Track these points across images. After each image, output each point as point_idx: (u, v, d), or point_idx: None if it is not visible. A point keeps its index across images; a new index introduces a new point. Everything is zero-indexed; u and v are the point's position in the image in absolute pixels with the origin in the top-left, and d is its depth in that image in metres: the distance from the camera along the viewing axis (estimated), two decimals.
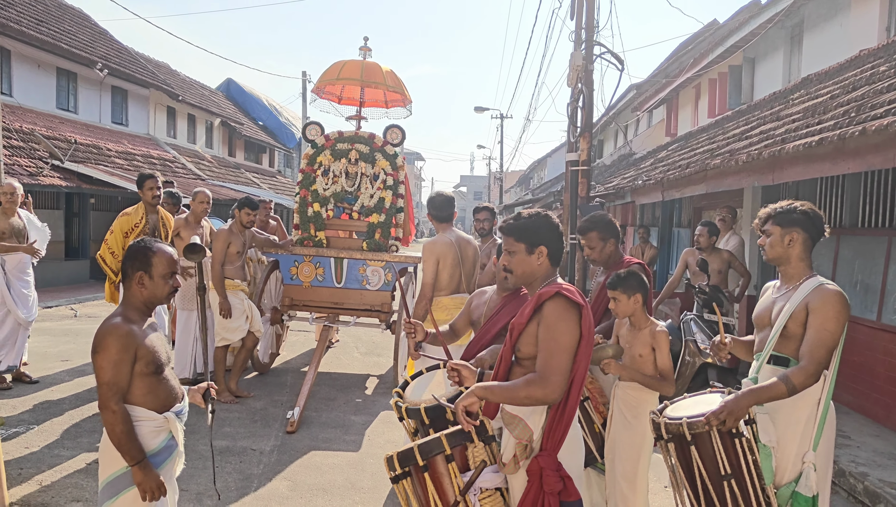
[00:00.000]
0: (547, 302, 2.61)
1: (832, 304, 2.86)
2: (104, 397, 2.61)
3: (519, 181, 58.34)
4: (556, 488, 2.51)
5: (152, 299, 2.82)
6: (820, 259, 7.53)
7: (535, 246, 2.75)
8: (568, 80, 10.79)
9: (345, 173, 7.45)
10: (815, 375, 2.80)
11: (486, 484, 2.62)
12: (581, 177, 10.69)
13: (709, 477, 2.78)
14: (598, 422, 3.82)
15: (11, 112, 14.77)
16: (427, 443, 2.64)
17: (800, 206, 3.07)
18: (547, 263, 2.77)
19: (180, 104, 23.47)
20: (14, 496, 4.28)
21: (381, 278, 7.35)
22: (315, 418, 6.26)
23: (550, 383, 2.51)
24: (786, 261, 3.06)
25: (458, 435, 2.65)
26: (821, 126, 6.11)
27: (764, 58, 12.47)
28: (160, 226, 6.45)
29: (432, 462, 2.62)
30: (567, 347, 2.55)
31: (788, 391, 2.78)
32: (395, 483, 2.68)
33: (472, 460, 2.65)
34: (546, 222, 2.79)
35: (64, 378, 7.18)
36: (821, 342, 2.82)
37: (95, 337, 2.67)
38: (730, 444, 2.78)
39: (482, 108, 37.56)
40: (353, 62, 7.77)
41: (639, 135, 21.36)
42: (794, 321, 2.93)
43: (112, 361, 2.61)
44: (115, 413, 2.60)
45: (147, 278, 2.78)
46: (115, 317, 2.72)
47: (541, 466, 2.54)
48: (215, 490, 4.00)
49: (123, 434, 2.62)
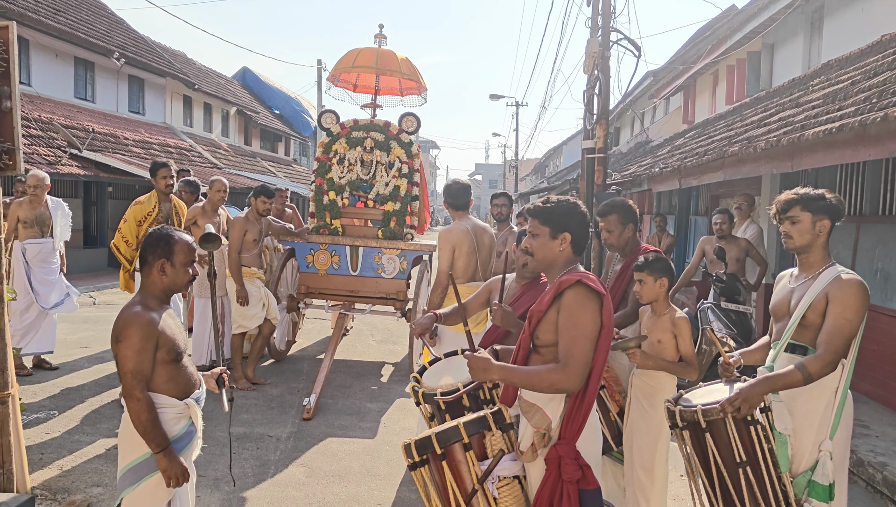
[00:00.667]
0: (567, 290, 2.60)
1: (852, 293, 2.82)
2: (129, 385, 2.63)
3: (534, 169, 58.11)
4: (575, 476, 2.51)
5: (172, 286, 2.84)
6: (839, 247, 7.45)
7: (559, 231, 2.74)
8: (584, 67, 10.71)
9: (360, 161, 7.45)
10: (831, 363, 2.78)
11: (503, 472, 2.62)
12: (597, 165, 10.63)
13: (724, 464, 2.77)
14: (613, 410, 3.81)
15: (30, 101, 14.90)
16: (445, 431, 2.64)
17: (824, 193, 2.99)
18: (569, 250, 2.75)
19: (196, 93, 23.55)
20: (35, 481, 4.34)
21: (397, 266, 7.36)
22: (331, 406, 6.30)
23: (572, 371, 2.50)
24: (811, 249, 3.00)
25: (476, 423, 2.65)
26: (841, 112, 6.02)
27: (783, 44, 12.30)
28: (173, 214, 6.45)
29: (450, 451, 2.62)
30: (589, 335, 2.54)
31: (804, 379, 2.76)
32: (412, 471, 2.69)
33: (489, 448, 2.65)
34: (574, 210, 2.78)
35: (83, 365, 7.27)
36: (839, 331, 2.79)
37: (116, 326, 2.69)
38: (745, 431, 2.77)
39: (497, 95, 37.35)
40: (368, 50, 7.76)
41: (655, 122, 21.18)
42: (814, 311, 2.90)
43: (135, 349, 2.63)
44: (140, 401, 2.63)
45: (168, 265, 2.80)
46: (135, 305, 2.73)
47: (559, 454, 2.54)
48: (231, 477, 4.03)
49: (149, 422, 2.64)
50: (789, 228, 3.02)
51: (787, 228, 3.03)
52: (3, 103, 3.78)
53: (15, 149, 3.84)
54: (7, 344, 3.87)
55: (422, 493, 2.76)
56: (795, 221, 3.00)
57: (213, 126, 26.03)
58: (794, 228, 3.00)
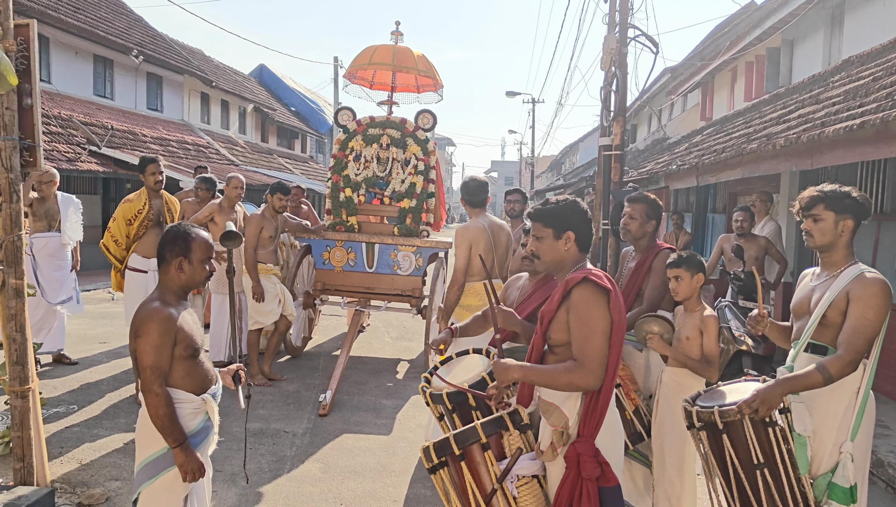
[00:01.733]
0: (575, 288, 2.60)
1: (873, 292, 2.78)
2: (147, 380, 2.65)
3: (550, 166, 57.93)
4: (595, 474, 2.50)
5: (190, 283, 2.87)
6: (859, 246, 7.36)
7: (562, 231, 2.74)
8: (601, 63, 10.64)
9: (376, 158, 7.46)
10: (852, 364, 2.73)
11: (522, 471, 2.62)
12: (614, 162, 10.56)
13: (741, 466, 2.74)
14: (629, 409, 3.79)
15: (50, 99, 15.05)
16: (462, 432, 2.64)
17: (850, 191, 2.93)
18: (575, 248, 2.75)
19: (214, 90, 23.68)
20: (55, 474, 4.39)
21: (412, 263, 7.37)
22: (347, 402, 6.32)
23: (590, 369, 2.50)
24: (833, 248, 2.95)
25: (493, 423, 2.65)
26: (862, 109, 5.95)
27: (803, 40, 12.17)
28: (165, 211, 6.29)
29: (468, 451, 2.63)
30: (601, 331, 2.53)
31: (824, 380, 2.72)
32: (432, 474, 2.70)
33: (507, 448, 2.65)
34: (574, 208, 2.78)
35: (102, 360, 7.34)
36: (860, 331, 2.74)
37: (135, 321, 2.71)
38: (763, 433, 2.73)
39: (514, 92, 37.24)
40: (384, 47, 7.76)
41: (673, 119, 21.04)
42: (834, 309, 2.85)
43: (154, 345, 2.65)
44: (158, 396, 2.65)
45: (186, 263, 2.83)
46: (154, 301, 2.75)
47: (578, 452, 2.53)
48: (245, 473, 4.05)
49: (166, 417, 2.67)
50: (811, 226, 2.97)
51: (808, 226, 2.98)
52: (25, 101, 3.82)
53: (36, 146, 3.88)
54: (28, 339, 3.92)
55: (441, 496, 2.76)
56: (818, 219, 2.94)
57: (231, 123, 26.16)
58: (816, 226, 2.95)
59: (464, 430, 2.65)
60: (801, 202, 3.02)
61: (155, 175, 6.11)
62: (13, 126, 3.74)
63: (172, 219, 6.33)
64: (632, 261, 4.21)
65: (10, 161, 3.75)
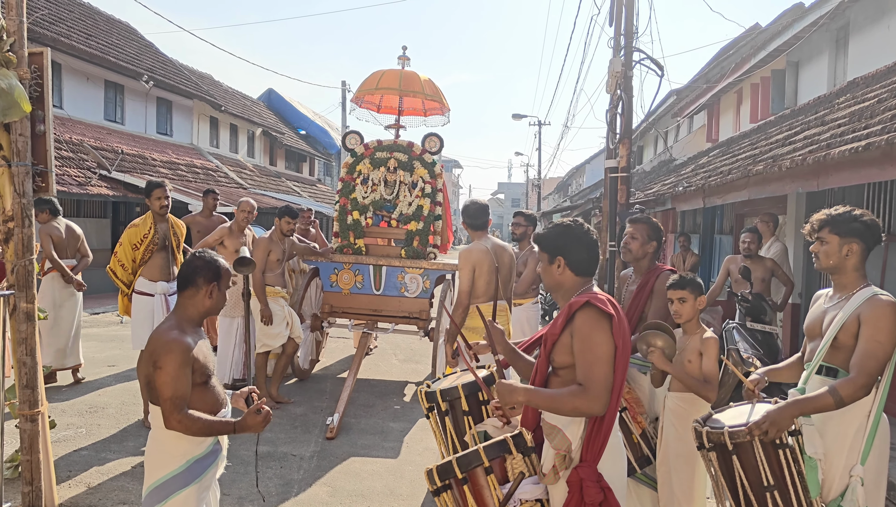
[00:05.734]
0: (578, 312, 2.59)
1: (885, 315, 2.77)
2: (167, 411, 2.66)
3: (557, 188, 58.00)
4: (597, 499, 2.49)
5: (213, 309, 2.92)
6: (868, 267, 7.33)
7: (553, 256, 2.75)
8: (607, 86, 10.72)
9: (384, 182, 7.52)
10: (864, 387, 2.72)
11: (525, 496, 2.62)
12: (620, 184, 10.59)
13: (751, 488, 2.72)
14: (636, 432, 3.77)
15: (61, 124, 15.23)
16: (465, 456, 2.66)
17: (861, 215, 2.96)
18: (569, 273, 2.74)
19: (223, 114, 23.91)
20: (63, 497, 4.40)
21: (420, 286, 7.38)
22: (354, 425, 6.31)
23: (595, 395, 2.49)
24: (841, 271, 2.97)
25: (496, 447, 2.66)
26: (868, 130, 5.97)
27: (808, 62, 12.23)
28: (171, 235, 6.28)
29: (472, 475, 2.63)
30: (605, 357, 2.52)
31: (836, 404, 2.70)
32: (436, 496, 2.70)
33: (510, 471, 2.65)
34: (565, 232, 2.76)
35: (110, 383, 7.36)
36: (871, 354, 2.73)
37: (154, 351, 2.71)
38: (773, 455, 2.72)
39: (520, 115, 37.44)
40: (391, 72, 7.85)
41: (679, 141, 21.09)
42: (846, 332, 2.85)
43: (173, 376, 2.67)
44: (181, 422, 2.66)
45: (216, 290, 2.89)
46: (172, 330, 2.76)
47: (581, 477, 2.52)
48: (259, 493, 4.05)
49: (204, 428, 2.71)
50: (818, 248, 3.01)
51: (815, 248, 3.03)
52: (38, 127, 3.88)
53: (48, 171, 3.94)
54: (37, 362, 3.94)
55: None
56: (824, 242, 2.98)
57: (240, 147, 26.37)
58: (822, 249, 2.99)
59: (467, 453, 2.67)
60: (811, 224, 3.06)
61: (161, 200, 6.11)
62: (26, 152, 3.80)
63: (178, 243, 6.35)
64: (633, 284, 4.19)
65: (22, 186, 3.80)
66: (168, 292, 6.09)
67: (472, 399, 3.39)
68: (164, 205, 6.15)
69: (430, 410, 3.39)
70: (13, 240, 3.83)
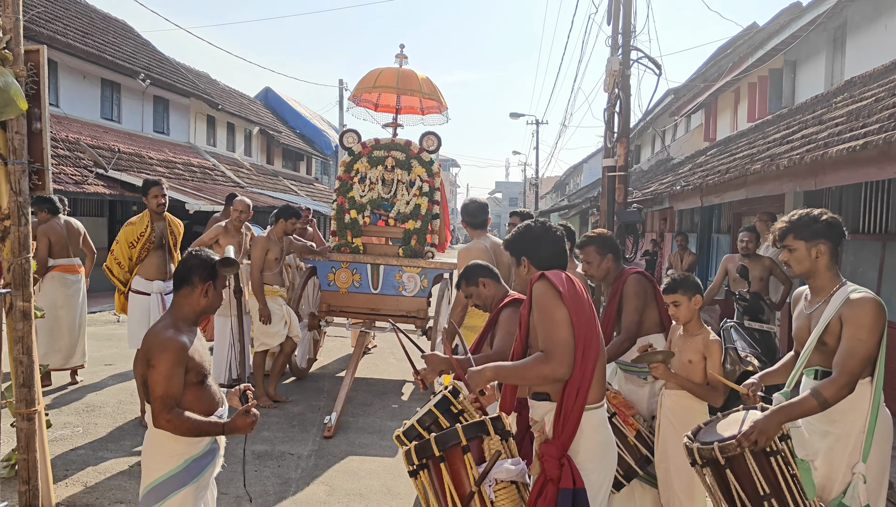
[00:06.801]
0: (534, 286, 2.73)
1: (864, 312, 2.77)
2: (157, 409, 2.65)
3: (555, 187, 58.02)
4: (555, 474, 2.54)
5: (209, 308, 2.91)
6: (865, 266, 7.35)
7: (518, 258, 2.91)
8: (605, 85, 10.72)
9: (381, 180, 7.50)
10: (846, 386, 2.71)
11: (501, 476, 2.65)
12: (618, 183, 10.60)
13: (748, 499, 2.71)
14: (630, 435, 3.76)
15: (58, 122, 15.19)
16: (444, 434, 2.70)
17: (819, 215, 2.96)
18: (535, 271, 2.85)
19: (220, 113, 23.87)
20: (60, 497, 4.38)
21: (417, 285, 7.37)
22: (352, 424, 6.30)
23: (558, 358, 2.56)
24: (814, 274, 2.96)
25: (474, 427, 2.70)
26: (865, 130, 5.98)
27: (805, 61, 12.25)
28: (168, 233, 6.26)
29: (449, 454, 2.67)
30: (560, 321, 2.61)
31: (820, 406, 2.71)
32: (413, 478, 2.74)
33: (487, 452, 2.68)
34: (525, 234, 2.91)
35: (107, 382, 7.34)
36: (852, 353, 2.73)
37: (149, 349, 2.70)
38: (766, 463, 2.71)
39: (517, 114, 37.45)
40: (389, 70, 7.83)
41: (677, 140, 21.11)
42: (830, 335, 2.85)
43: (166, 375, 2.65)
44: (170, 421, 2.65)
45: (212, 288, 2.88)
46: (168, 329, 2.75)
47: (543, 452, 2.59)
48: (246, 492, 4.03)
49: (193, 429, 2.69)
50: (787, 257, 3.01)
51: (785, 257, 3.03)
52: (34, 125, 3.86)
53: (45, 169, 3.92)
54: (34, 361, 3.93)
55: (422, 500, 2.79)
56: (791, 249, 2.98)
57: (237, 145, 26.34)
58: (792, 256, 2.98)
59: (445, 432, 2.71)
60: (773, 235, 3.07)
61: (157, 198, 6.10)
62: (22, 150, 3.78)
63: (176, 241, 6.33)
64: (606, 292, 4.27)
65: (19, 185, 3.78)
66: (164, 291, 6.08)
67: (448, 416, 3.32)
68: (160, 203, 6.13)
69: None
70: (9, 238, 3.81)
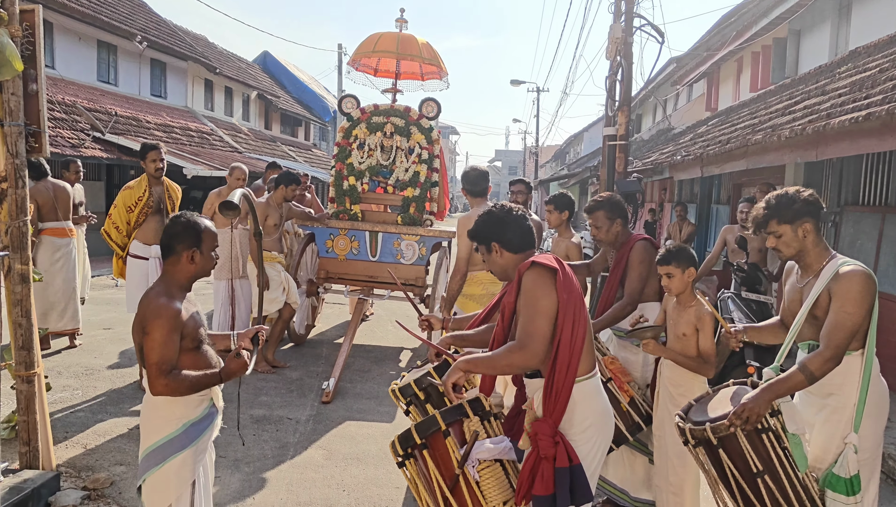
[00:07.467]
0: (524, 274, 2.68)
1: (852, 285, 2.76)
2: (152, 375, 2.65)
3: (555, 156, 57.79)
4: (549, 453, 2.54)
5: (201, 273, 2.87)
6: (863, 238, 7.36)
7: (489, 244, 2.86)
8: (607, 53, 10.62)
9: (380, 147, 7.46)
10: (832, 359, 2.72)
11: (482, 456, 2.67)
12: (619, 152, 10.55)
13: (742, 476, 2.74)
14: (624, 401, 3.80)
15: (53, 84, 15.03)
16: (423, 422, 2.72)
17: (797, 194, 2.92)
18: (507, 254, 2.83)
19: (218, 77, 23.62)
20: (60, 458, 4.42)
21: (416, 253, 7.37)
22: (350, 389, 6.34)
23: (528, 347, 2.55)
24: (804, 253, 2.95)
25: (453, 411, 2.72)
26: (868, 101, 5.93)
27: (810, 30, 12.11)
28: (166, 198, 6.24)
29: (431, 440, 2.69)
30: (543, 311, 2.58)
31: (807, 379, 2.72)
32: (401, 468, 2.77)
33: (468, 434, 2.70)
34: (488, 219, 2.87)
35: (106, 346, 7.37)
36: (839, 325, 2.74)
37: (143, 316, 2.69)
38: (757, 441, 2.73)
39: (518, 81, 37.14)
40: (388, 34, 7.74)
41: (678, 109, 20.97)
42: (820, 309, 2.85)
43: (161, 341, 2.64)
44: (167, 386, 2.65)
45: (198, 254, 2.82)
46: (160, 296, 2.72)
47: (535, 431, 2.58)
48: (239, 436, 4.01)
49: (192, 385, 2.70)
50: (775, 243, 2.98)
51: (772, 243, 2.99)
52: (30, 86, 3.82)
53: (41, 132, 3.89)
54: (33, 324, 3.94)
55: (412, 489, 2.81)
56: (778, 235, 2.95)
57: (234, 110, 26.13)
58: (780, 241, 2.96)
59: (424, 420, 2.73)
60: (754, 223, 3.04)
61: (156, 162, 6.08)
62: (19, 112, 3.75)
63: (173, 206, 6.29)
64: (611, 257, 4.27)
65: (15, 147, 3.75)
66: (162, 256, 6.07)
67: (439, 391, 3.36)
68: (158, 168, 6.11)
69: (406, 412, 3.33)
70: (7, 201, 3.79)
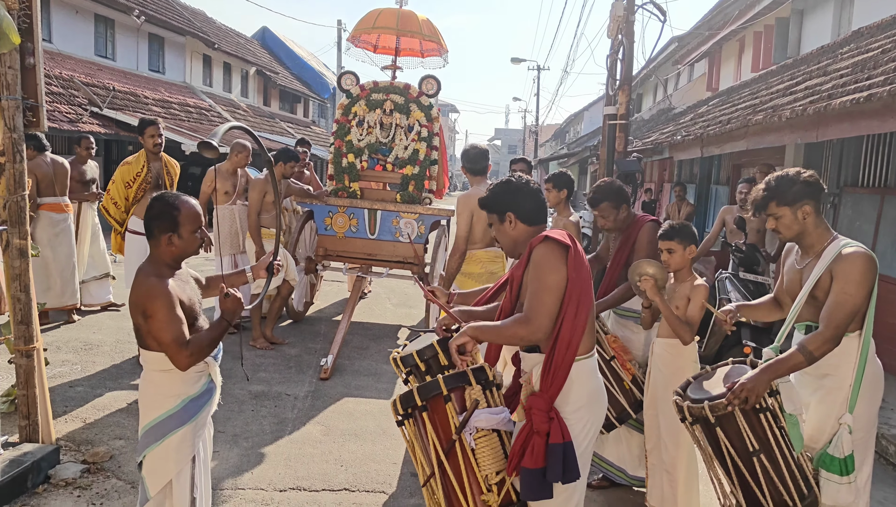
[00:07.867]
0: (536, 247, 2.67)
1: (852, 266, 2.77)
2: (173, 354, 2.64)
3: (555, 135, 57.58)
4: (542, 428, 2.55)
5: (182, 255, 2.81)
6: (862, 219, 7.36)
7: (503, 214, 2.83)
8: (608, 31, 10.54)
9: (379, 124, 7.42)
10: (832, 340, 2.73)
11: (480, 424, 2.68)
12: (619, 131, 10.50)
13: (738, 455, 2.76)
14: (626, 379, 3.83)
15: (51, 58, 14.92)
16: (426, 385, 2.74)
17: (797, 175, 2.91)
18: (521, 226, 2.81)
19: (216, 52, 23.45)
20: (60, 432, 4.45)
21: (415, 231, 7.37)
22: (348, 366, 6.37)
23: (536, 323, 2.56)
24: (804, 234, 2.94)
25: (456, 378, 2.73)
26: (870, 81, 5.90)
27: (813, 10, 12.03)
28: (164, 173, 6.21)
29: (431, 403, 2.71)
30: (552, 286, 2.58)
31: (807, 360, 2.73)
32: (399, 426, 2.80)
33: (469, 401, 2.72)
34: (506, 188, 2.83)
35: (105, 321, 7.39)
36: (839, 306, 2.74)
37: (138, 299, 2.66)
38: (755, 420, 2.75)
39: (519, 59, 36.93)
40: (389, 10, 7.67)
41: (679, 89, 20.87)
42: (821, 290, 2.86)
43: (166, 321, 2.62)
44: (192, 356, 2.65)
45: (176, 237, 2.75)
46: (150, 276, 2.69)
47: (530, 405, 2.60)
48: (244, 372, 3.99)
49: (210, 343, 2.71)
50: (775, 224, 2.98)
51: (772, 225, 2.99)
52: (27, 60, 3.80)
53: (39, 106, 3.87)
54: (31, 299, 3.95)
55: (408, 447, 2.85)
56: (777, 216, 2.94)
57: (233, 86, 25.98)
58: (780, 223, 2.95)
59: (427, 383, 2.75)
60: (753, 205, 3.03)
61: (154, 137, 6.07)
62: (16, 86, 3.73)
63: (172, 182, 6.28)
64: (616, 239, 4.27)
65: (13, 121, 3.74)
66: None
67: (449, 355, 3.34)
68: (157, 143, 6.10)
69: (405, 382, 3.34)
70: (5, 175, 3.78)
